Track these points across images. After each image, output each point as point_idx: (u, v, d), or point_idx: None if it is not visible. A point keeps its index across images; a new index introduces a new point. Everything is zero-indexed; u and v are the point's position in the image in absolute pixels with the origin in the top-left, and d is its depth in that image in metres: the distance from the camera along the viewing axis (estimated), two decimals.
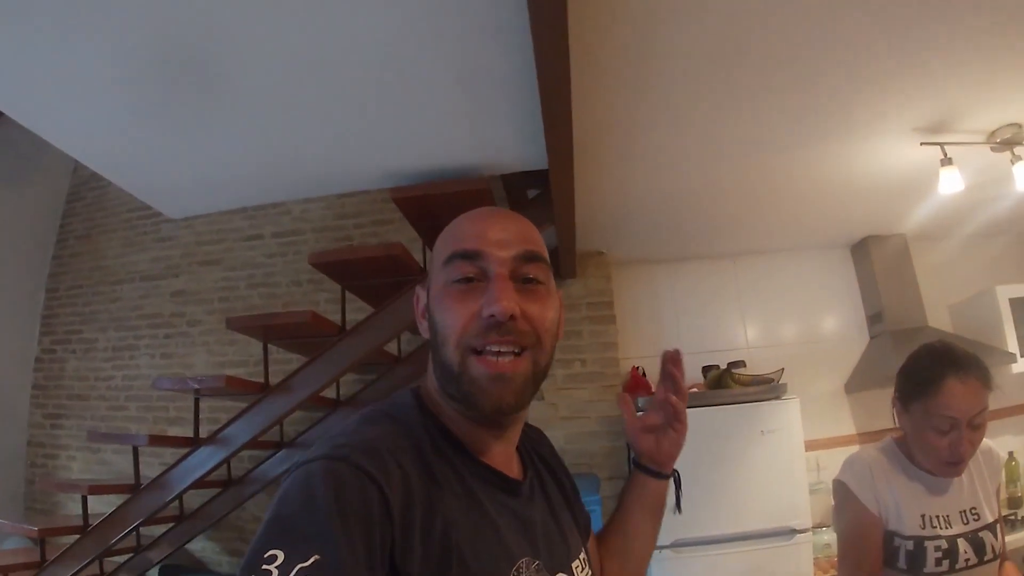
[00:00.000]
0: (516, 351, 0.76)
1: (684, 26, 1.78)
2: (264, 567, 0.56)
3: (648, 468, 1.03)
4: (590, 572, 0.90)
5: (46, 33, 1.68)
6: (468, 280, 0.77)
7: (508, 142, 2.23)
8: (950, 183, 2.61)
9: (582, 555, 0.89)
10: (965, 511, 1.48)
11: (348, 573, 0.58)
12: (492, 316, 0.74)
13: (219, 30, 1.70)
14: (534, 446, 0.97)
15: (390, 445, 0.70)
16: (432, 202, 2.41)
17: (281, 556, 0.57)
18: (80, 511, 2.92)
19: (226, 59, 1.82)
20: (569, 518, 0.93)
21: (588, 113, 2.03)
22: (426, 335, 0.83)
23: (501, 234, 0.79)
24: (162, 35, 1.71)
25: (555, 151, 2.05)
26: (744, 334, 3.79)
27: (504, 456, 0.84)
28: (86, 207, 4.53)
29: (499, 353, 0.75)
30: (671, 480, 1.06)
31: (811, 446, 3.19)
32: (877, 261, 3.65)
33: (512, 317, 0.75)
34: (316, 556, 0.57)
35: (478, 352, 0.75)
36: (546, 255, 0.83)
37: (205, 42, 1.75)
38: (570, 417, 3.32)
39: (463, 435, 0.79)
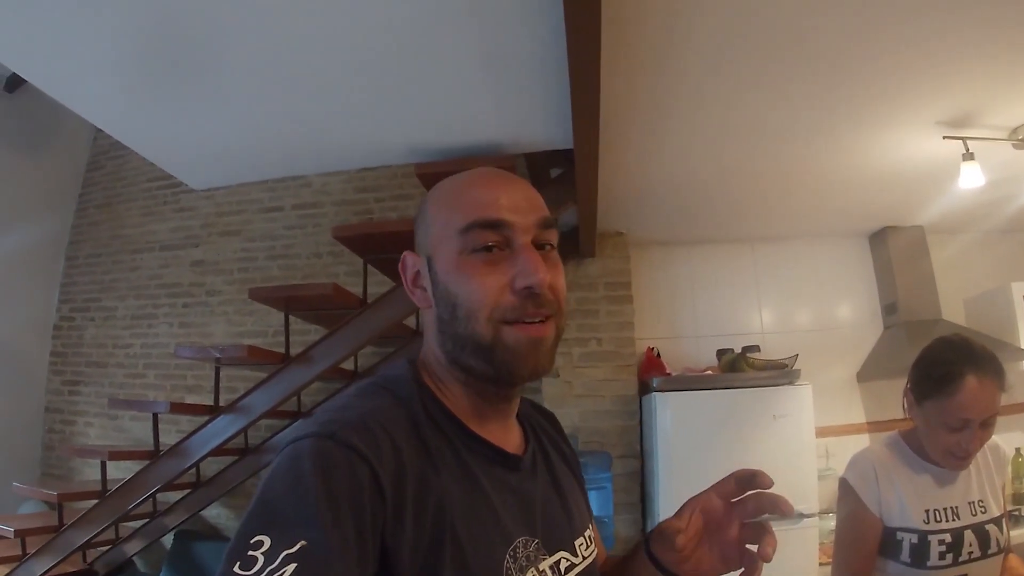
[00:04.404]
0: (543, 318, 0.74)
1: (710, 11, 1.77)
2: (250, 553, 0.55)
3: (665, 567, 0.80)
4: (595, 551, 0.86)
5: (68, 3, 1.68)
6: (489, 249, 0.73)
7: (533, 120, 2.23)
8: (971, 178, 2.60)
9: (588, 533, 0.86)
10: (973, 503, 1.49)
11: (336, 557, 0.56)
12: (529, 288, 0.72)
13: (243, 1, 1.70)
14: (539, 421, 0.93)
15: (382, 419, 0.67)
16: None
17: (268, 542, 0.56)
18: (96, 477, 2.95)
19: (249, 32, 1.82)
20: (578, 495, 0.90)
21: (613, 95, 2.02)
22: (424, 305, 0.78)
23: (518, 200, 0.76)
24: (185, 6, 1.70)
25: (581, 131, 2.04)
26: (760, 319, 3.79)
27: (502, 430, 0.81)
28: (105, 176, 4.55)
29: (533, 321, 0.74)
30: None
31: (821, 433, 3.19)
32: (894, 252, 3.64)
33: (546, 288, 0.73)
34: (303, 541, 0.56)
35: (509, 323, 0.72)
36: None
37: (227, 14, 1.74)
38: (584, 395, 3.34)
39: (460, 409, 0.76)
